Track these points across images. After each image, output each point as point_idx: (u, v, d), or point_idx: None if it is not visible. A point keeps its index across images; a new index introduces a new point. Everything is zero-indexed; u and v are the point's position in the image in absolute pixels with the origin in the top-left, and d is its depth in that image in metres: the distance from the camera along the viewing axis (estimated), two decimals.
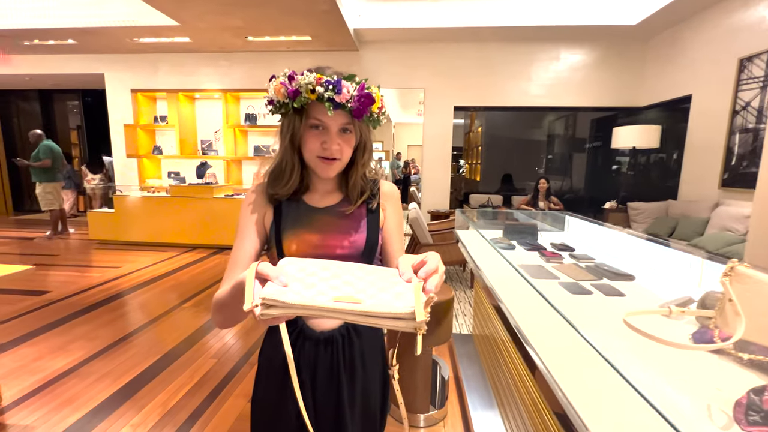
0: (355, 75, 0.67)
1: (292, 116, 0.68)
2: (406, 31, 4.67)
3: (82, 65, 5.67)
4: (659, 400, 0.53)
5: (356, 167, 0.73)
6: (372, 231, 0.73)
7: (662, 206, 4.13)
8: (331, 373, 0.72)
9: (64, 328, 2.49)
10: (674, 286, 1.14)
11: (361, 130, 0.70)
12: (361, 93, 0.65)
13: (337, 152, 0.67)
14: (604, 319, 0.92)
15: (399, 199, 0.80)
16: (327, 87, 0.63)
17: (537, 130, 7.56)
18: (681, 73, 4.24)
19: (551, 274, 1.28)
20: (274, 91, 0.67)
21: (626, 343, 0.75)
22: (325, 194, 0.75)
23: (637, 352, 0.71)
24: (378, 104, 0.68)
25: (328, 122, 0.66)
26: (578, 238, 1.90)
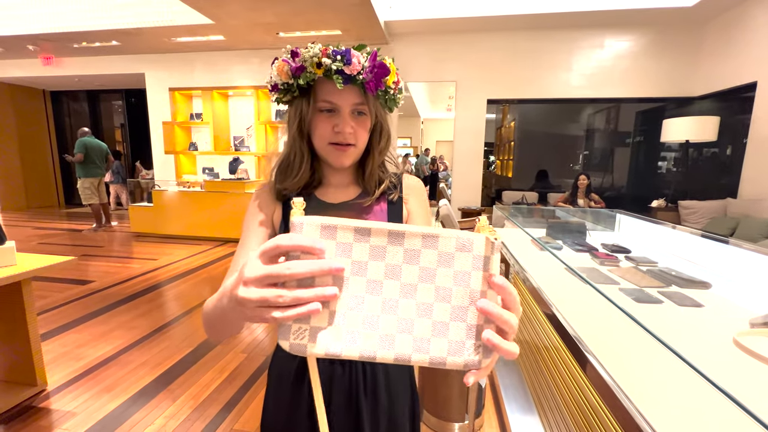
0: (365, 45, 0.58)
1: (298, 101, 0.60)
2: (437, 21, 4.53)
3: (125, 65, 5.94)
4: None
5: (372, 155, 0.64)
6: None
7: (720, 205, 3.77)
8: (349, 398, 0.62)
9: (106, 316, 2.59)
10: (759, 296, 0.98)
11: (377, 111, 0.62)
12: (374, 63, 0.57)
13: (350, 136, 0.59)
14: (683, 332, 0.80)
15: (424, 193, 0.71)
16: (335, 58, 0.55)
17: (574, 125, 7.17)
18: (744, 58, 3.84)
19: (609, 278, 1.15)
20: (278, 72, 0.59)
21: (718, 361, 0.63)
22: (340, 188, 0.66)
23: (743, 374, 0.59)
24: (393, 77, 0.60)
25: (339, 102, 0.58)
26: (632, 239, 1.73)
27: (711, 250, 1.27)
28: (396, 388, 0.65)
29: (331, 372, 0.62)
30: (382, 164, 0.66)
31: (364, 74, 0.57)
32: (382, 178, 0.66)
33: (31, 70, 6.32)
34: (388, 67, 0.58)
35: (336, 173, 0.66)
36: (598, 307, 0.82)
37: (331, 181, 0.66)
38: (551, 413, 1.41)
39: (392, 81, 0.60)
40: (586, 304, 0.92)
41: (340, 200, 0.65)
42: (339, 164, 0.61)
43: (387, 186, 0.65)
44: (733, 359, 0.65)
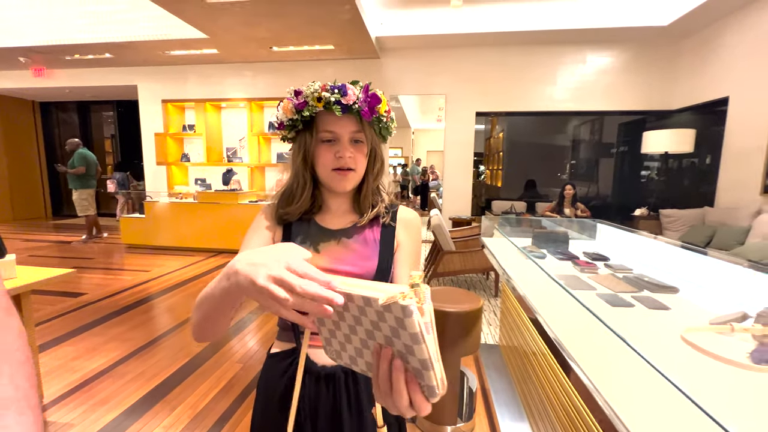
0: (358, 81, 0.67)
1: (302, 135, 0.68)
2: (426, 37, 4.68)
3: (118, 77, 5.97)
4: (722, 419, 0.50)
5: (367, 179, 0.70)
6: (384, 257, 0.68)
7: (698, 214, 3.94)
8: (333, 414, 0.67)
9: (99, 329, 2.59)
10: (722, 300, 1.08)
11: (372, 138, 0.68)
12: (367, 94, 0.65)
13: (350, 161, 0.66)
14: (651, 333, 0.88)
15: (419, 228, 0.75)
16: (332, 91, 0.63)
17: (560, 135, 7.39)
18: (716, 74, 4.06)
19: (587, 284, 1.24)
20: (283, 111, 0.67)
21: (681, 360, 0.71)
22: (339, 215, 0.72)
23: (694, 369, 0.67)
24: (385, 106, 0.67)
25: (339, 131, 0.65)
26: (611, 247, 1.83)
27: (681, 257, 1.37)
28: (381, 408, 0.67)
29: (317, 390, 0.66)
30: (376, 189, 0.73)
31: (359, 103, 0.64)
32: (375, 202, 0.71)
33: (20, 82, 6.31)
34: (380, 96, 0.66)
35: (335, 199, 0.72)
36: (577, 312, 0.90)
37: (331, 206, 0.72)
38: (539, 415, 1.48)
39: (384, 110, 0.67)
40: (567, 310, 1.00)
41: (337, 227, 0.70)
42: (341, 188, 0.67)
43: (380, 210, 0.70)
44: (687, 355, 0.73)
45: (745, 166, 3.65)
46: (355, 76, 5.29)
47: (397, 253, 0.70)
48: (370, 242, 0.69)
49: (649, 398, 0.66)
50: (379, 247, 0.69)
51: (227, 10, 3.66)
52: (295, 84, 0.70)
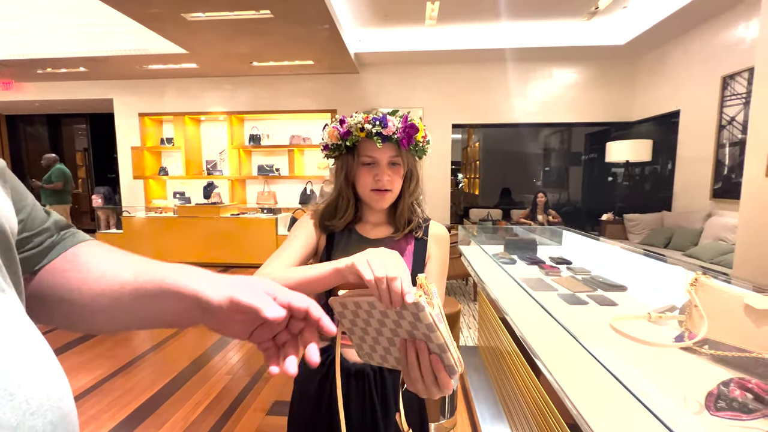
0: (398, 110, 0.74)
1: (345, 156, 0.76)
2: (404, 54, 4.89)
3: (92, 91, 5.88)
4: (645, 395, 0.63)
5: (404, 197, 0.78)
6: (417, 268, 0.75)
7: (657, 218, 4.25)
8: (364, 411, 0.72)
9: (80, 348, 2.56)
10: (661, 296, 1.25)
11: (408, 161, 0.76)
12: (406, 124, 0.72)
13: (388, 183, 0.73)
14: (599, 327, 1.03)
15: (447, 242, 0.82)
16: (374, 123, 0.70)
17: (533, 144, 7.77)
18: (669, 89, 4.44)
19: (550, 286, 1.39)
20: (328, 136, 0.75)
21: (617, 347, 0.86)
22: (377, 226, 0.80)
23: (627, 354, 0.81)
24: (422, 133, 0.74)
25: (378, 156, 0.73)
26: (575, 252, 2.01)
27: (631, 260, 1.55)
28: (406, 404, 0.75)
29: (347, 386, 0.72)
30: (411, 205, 0.80)
31: (398, 134, 0.72)
32: (411, 218, 0.79)
33: None
34: (417, 126, 0.73)
35: (374, 213, 0.80)
36: (540, 312, 1.04)
37: (370, 219, 0.80)
38: (515, 411, 1.61)
39: (421, 136, 0.75)
40: (532, 311, 1.14)
41: (375, 236, 0.79)
42: (379, 207, 0.76)
43: (414, 226, 0.78)
44: (625, 343, 0.88)
45: (697, 173, 3.99)
46: (335, 91, 5.43)
47: (428, 264, 0.78)
48: (404, 253, 0.76)
49: (596, 386, 0.79)
50: (413, 259, 0.76)
51: (208, 27, 3.73)
52: (275, 96, 0.80)
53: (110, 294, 0.36)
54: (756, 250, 1.97)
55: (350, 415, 0.72)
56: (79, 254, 0.39)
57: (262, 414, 1.83)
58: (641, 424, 0.61)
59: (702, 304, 0.69)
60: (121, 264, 0.39)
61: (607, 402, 0.71)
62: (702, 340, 0.74)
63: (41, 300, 0.36)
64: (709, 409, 0.63)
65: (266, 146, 5.57)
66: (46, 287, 0.37)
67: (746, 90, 3.39)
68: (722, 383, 0.66)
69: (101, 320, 0.38)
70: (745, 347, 0.66)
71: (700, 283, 0.72)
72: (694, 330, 0.72)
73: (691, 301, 0.70)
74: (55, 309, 0.37)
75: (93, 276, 0.37)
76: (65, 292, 0.36)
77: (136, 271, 0.38)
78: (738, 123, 3.50)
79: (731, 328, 0.66)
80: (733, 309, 0.66)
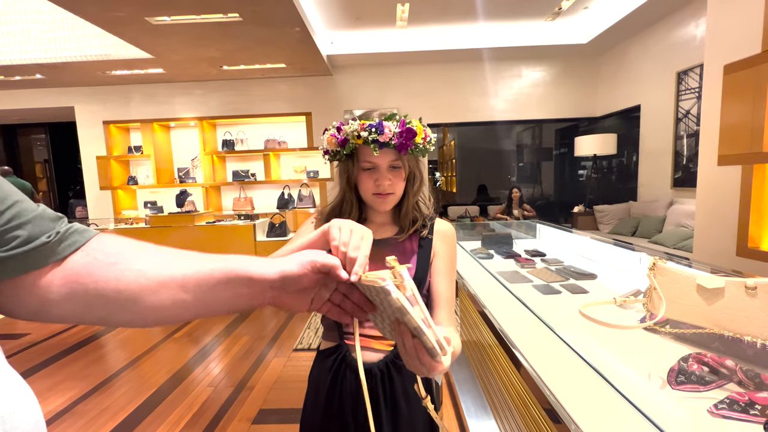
0: (395, 113, 0.73)
1: (346, 162, 0.76)
2: (376, 55, 4.91)
3: (51, 99, 5.59)
4: (613, 376, 0.67)
5: (408, 197, 0.77)
6: (421, 266, 0.75)
7: (624, 208, 4.46)
8: (373, 413, 0.69)
9: (50, 369, 2.44)
10: (628, 281, 1.32)
11: (409, 163, 0.75)
12: (403, 129, 0.70)
13: (389, 187, 0.73)
14: (571, 314, 1.08)
15: (453, 238, 0.82)
16: (370, 131, 0.70)
17: (506, 141, 7.98)
18: (629, 85, 4.66)
19: (525, 278, 1.44)
20: (327, 143, 0.75)
21: (588, 332, 0.90)
22: (381, 226, 0.80)
23: (597, 338, 0.85)
24: (421, 135, 0.73)
25: (377, 162, 0.72)
26: (549, 244, 2.08)
27: (600, 248, 1.63)
28: (415, 403, 0.75)
29: (357, 384, 0.72)
30: (416, 204, 0.80)
31: (395, 139, 0.70)
32: (416, 217, 0.79)
33: None
34: (415, 129, 0.71)
35: (378, 213, 0.80)
36: (517, 303, 1.08)
37: (375, 220, 0.81)
38: (498, 403, 1.65)
39: (420, 138, 0.73)
40: (510, 303, 1.18)
41: (380, 236, 0.78)
42: (382, 209, 0.76)
43: (419, 225, 0.78)
44: (594, 328, 0.93)
45: (658, 164, 4.22)
46: (309, 93, 5.39)
47: (434, 261, 0.78)
48: (408, 252, 0.77)
49: (571, 371, 0.83)
50: (417, 257, 0.76)
51: (174, 31, 3.63)
52: (248, 101, 0.78)
53: (174, 286, 0.38)
54: (712, 234, 2.11)
55: (358, 414, 0.72)
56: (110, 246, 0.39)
57: (248, 423, 1.80)
58: (612, 404, 0.65)
59: (660, 286, 0.74)
60: (172, 257, 0.41)
61: (581, 385, 0.75)
62: (664, 320, 0.80)
63: (73, 297, 0.36)
64: (670, 383, 0.67)
65: (240, 151, 5.46)
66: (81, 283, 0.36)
67: (698, 85, 3.61)
68: (682, 359, 0.72)
69: (159, 313, 0.39)
70: (700, 324, 0.72)
71: (658, 267, 0.77)
72: (655, 311, 0.77)
73: (651, 284, 0.75)
74: (96, 305, 0.37)
75: (141, 270, 0.38)
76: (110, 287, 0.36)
77: (192, 264, 0.40)
78: (693, 116, 3.72)
79: (687, 307, 0.72)
80: (687, 289, 0.71)
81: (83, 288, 0.36)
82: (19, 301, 0.35)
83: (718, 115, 1.99)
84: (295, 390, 2.09)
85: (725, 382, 0.66)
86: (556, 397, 0.73)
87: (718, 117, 1.99)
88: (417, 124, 0.72)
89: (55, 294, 0.35)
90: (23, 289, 0.34)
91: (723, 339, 0.73)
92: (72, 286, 0.36)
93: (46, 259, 0.34)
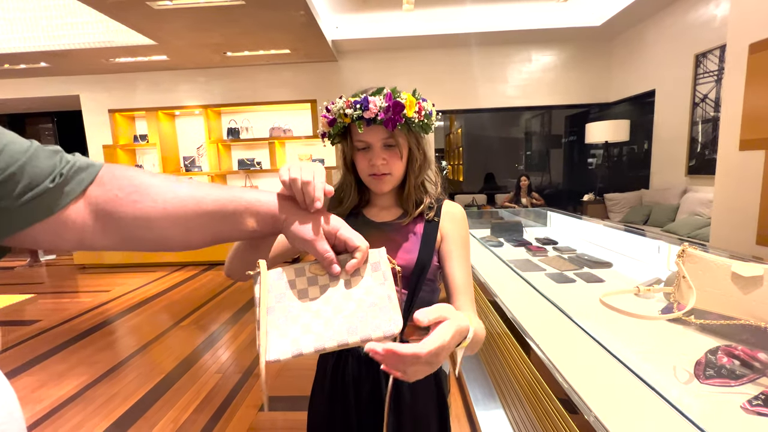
0: (383, 88, 0.68)
1: (342, 142, 0.73)
2: (383, 40, 4.80)
3: (56, 88, 5.57)
4: (635, 368, 0.63)
5: (409, 178, 0.73)
6: (425, 250, 0.71)
7: (636, 196, 4.36)
8: (373, 396, 0.71)
9: (61, 355, 2.47)
10: (646, 270, 1.27)
11: (408, 141, 0.70)
12: (390, 103, 0.65)
13: (384, 167, 0.69)
14: (588, 303, 1.04)
15: (464, 221, 0.76)
16: (355, 107, 0.66)
17: (515, 129, 7.83)
18: (644, 69, 4.51)
19: (538, 266, 1.40)
20: (322, 125, 0.72)
21: (607, 322, 0.86)
22: (384, 209, 0.77)
23: (617, 328, 0.81)
24: (414, 108, 0.67)
25: (370, 140, 0.68)
26: (560, 232, 2.03)
27: (614, 236, 1.57)
28: (423, 394, 0.73)
29: (359, 371, 0.72)
30: (421, 185, 0.75)
31: (381, 115, 0.65)
32: (420, 198, 0.74)
33: None
34: (403, 103, 0.65)
35: (381, 197, 0.76)
36: (528, 292, 1.04)
37: (377, 202, 0.77)
38: (507, 392, 1.63)
39: (413, 111, 0.67)
40: (521, 290, 1.14)
41: (382, 219, 0.75)
42: (379, 191, 0.72)
43: (424, 208, 0.73)
44: (613, 317, 0.89)
45: (672, 151, 4.09)
46: (314, 80, 5.31)
47: (443, 244, 0.73)
48: (412, 236, 0.73)
49: (589, 361, 0.80)
50: (421, 241, 0.72)
51: (176, 16, 3.56)
52: (252, 88, 0.74)
53: (188, 211, 0.42)
54: (731, 221, 2.04)
55: (362, 403, 0.72)
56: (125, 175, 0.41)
57: (255, 410, 1.81)
58: (634, 396, 0.61)
59: (690, 274, 0.70)
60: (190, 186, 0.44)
61: (599, 376, 0.71)
62: (689, 310, 0.75)
63: (104, 222, 0.39)
64: (698, 377, 0.63)
65: (246, 140, 5.42)
66: (106, 210, 0.38)
67: (718, 67, 3.47)
68: (709, 351, 0.67)
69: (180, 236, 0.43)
70: (732, 315, 0.67)
71: (687, 254, 0.72)
72: (683, 301, 0.73)
73: (679, 272, 0.70)
74: (123, 227, 0.40)
75: (161, 195, 0.41)
76: (136, 213, 0.39)
77: (208, 191, 0.44)
78: (710, 100, 3.59)
79: (718, 296, 0.67)
80: (720, 278, 0.66)
81: (115, 224, 0.39)
82: (58, 237, 0.37)
83: (741, 97, 1.90)
84: (301, 378, 2.09)
85: (757, 376, 0.62)
86: (573, 387, 0.70)
87: (741, 99, 1.90)
88: (407, 96, 0.66)
89: (89, 227, 0.38)
90: (55, 227, 0.36)
91: (754, 330, 0.69)
92: (103, 221, 0.38)
93: (57, 203, 0.36)
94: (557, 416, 0.88)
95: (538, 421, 1.17)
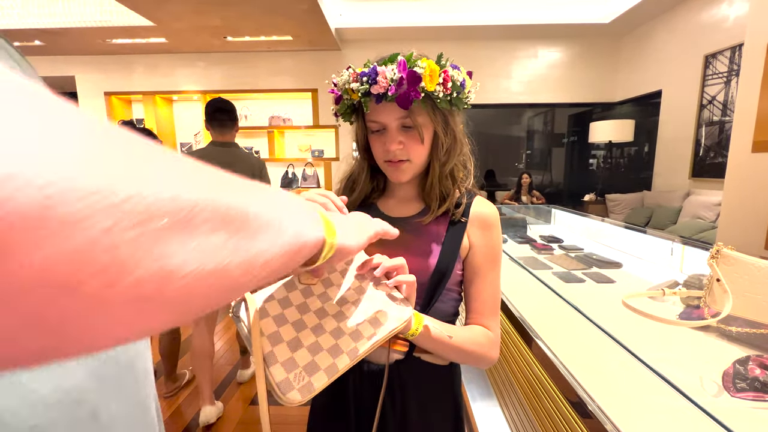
0: (398, 54, 0.56)
1: (357, 122, 0.62)
2: (387, 30, 4.69)
3: (51, 67, 5.43)
4: (659, 367, 0.58)
5: (433, 167, 0.60)
6: (446, 256, 0.58)
7: (638, 197, 4.32)
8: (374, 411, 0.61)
9: None
10: (658, 271, 1.22)
11: (433, 121, 0.57)
12: (403, 73, 0.52)
13: (400, 153, 0.56)
14: (599, 304, 0.99)
15: (497, 228, 0.62)
16: (361, 80, 0.54)
17: (516, 126, 7.76)
18: (651, 69, 4.44)
19: (544, 264, 1.34)
20: (333, 102, 0.62)
21: (622, 325, 0.81)
22: (402, 201, 0.64)
23: (633, 331, 0.76)
24: (437, 80, 0.53)
25: (384, 120, 0.56)
26: (565, 230, 1.98)
27: (623, 236, 1.52)
28: (434, 414, 0.63)
29: (362, 387, 0.61)
30: (449, 175, 0.61)
31: (393, 89, 0.52)
32: (447, 190, 0.61)
33: None
34: (419, 73, 0.52)
35: (399, 187, 0.64)
36: (534, 289, 0.99)
37: (397, 193, 0.65)
38: (504, 389, 1.59)
39: (435, 84, 0.54)
40: (527, 288, 1.09)
41: (399, 214, 0.63)
42: (397, 180, 0.60)
43: (450, 205, 0.60)
44: (629, 319, 0.84)
45: (677, 153, 4.05)
46: (316, 68, 5.20)
47: (470, 256, 0.60)
48: (432, 238, 0.60)
49: (602, 359, 0.75)
50: (442, 245, 0.59)
51: None
52: (253, 74, 0.67)
53: None
54: (739, 225, 1.99)
55: (363, 415, 0.64)
56: None
57: (246, 404, 1.76)
58: (658, 405, 0.56)
59: (725, 277, 0.65)
60: None
61: (620, 381, 0.66)
62: (715, 315, 0.70)
63: None
64: (728, 389, 0.58)
65: (244, 128, 5.32)
66: None
67: (728, 69, 3.41)
68: (738, 362, 0.62)
69: None
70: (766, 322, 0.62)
71: (722, 255, 0.67)
72: (714, 306, 0.67)
73: (713, 274, 0.65)
74: None
75: None
76: None
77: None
78: (718, 102, 3.53)
79: (758, 302, 0.62)
80: (761, 282, 0.61)
81: None
82: None
83: (756, 98, 1.84)
84: None
85: None
86: (588, 392, 0.65)
87: (756, 100, 1.84)
88: (428, 64, 0.52)
89: None
90: None
91: None
92: None
93: None
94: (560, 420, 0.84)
95: (538, 422, 1.12)
